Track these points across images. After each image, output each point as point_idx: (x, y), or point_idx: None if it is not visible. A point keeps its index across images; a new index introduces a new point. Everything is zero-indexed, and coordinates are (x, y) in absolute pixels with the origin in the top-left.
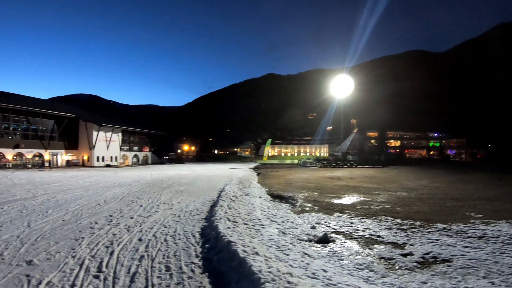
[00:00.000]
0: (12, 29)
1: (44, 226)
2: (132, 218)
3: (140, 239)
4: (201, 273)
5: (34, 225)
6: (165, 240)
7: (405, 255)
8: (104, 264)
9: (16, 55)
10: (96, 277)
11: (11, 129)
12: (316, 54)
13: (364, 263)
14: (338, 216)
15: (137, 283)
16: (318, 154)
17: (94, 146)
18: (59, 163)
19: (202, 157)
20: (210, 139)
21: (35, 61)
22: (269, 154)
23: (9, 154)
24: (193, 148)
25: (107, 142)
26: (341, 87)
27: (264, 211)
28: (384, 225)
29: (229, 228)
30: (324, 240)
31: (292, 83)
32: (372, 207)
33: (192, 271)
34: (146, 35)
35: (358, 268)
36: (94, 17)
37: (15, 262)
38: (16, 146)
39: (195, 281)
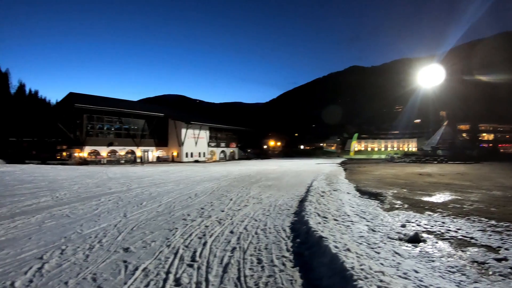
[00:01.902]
0: (108, 38)
1: (139, 217)
2: (223, 211)
3: (231, 232)
4: (292, 267)
5: (130, 216)
6: (256, 233)
7: (499, 260)
8: (197, 254)
9: (109, 61)
10: (190, 266)
11: (105, 129)
12: (402, 43)
13: (456, 266)
14: (429, 214)
15: (230, 274)
16: (406, 149)
17: (183, 143)
18: (150, 159)
19: (288, 152)
20: (296, 134)
21: (125, 65)
22: (356, 149)
23: (104, 151)
24: (279, 143)
25: (195, 139)
26: (429, 77)
27: (353, 207)
28: (478, 227)
29: (319, 223)
30: (415, 239)
31: (377, 75)
32: (464, 206)
33: (283, 264)
34: (231, 34)
35: (449, 271)
36: (180, 23)
37: (113, 249)
38: (110, 144)
39: (286, 275)
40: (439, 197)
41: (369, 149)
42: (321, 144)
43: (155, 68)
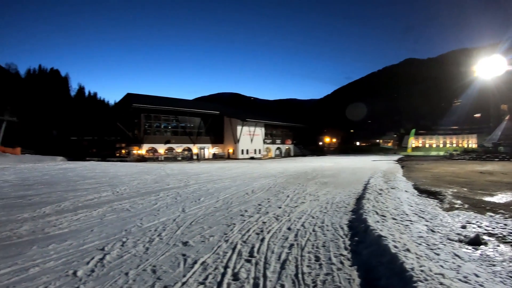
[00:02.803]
0: (163, 38)
1: (197, 212)
2: (280, 207)
3: (289, 228)
4: (350, 266)
5: (188, 211)
6: (313, 230)
7: None
8: (255, 249)
9: (164, 62)
10: (248, 261)
11: (162, 127)
12: (459, 32)
13: None
14: (491, 216)
15: (287, 270)
16: (465, 145)
17: (238, 140)
18: (206, 156)
19: (344, 149)
20: (351, 130)
21: (181, 65)
22: (413, 146)
23: (161, 148)
24: (334, 140)
25: (250, 136)
26: (489, 68)
27: (412, 206)
28: None
29: (377, 222)
30: (476, 241)
31: (434, 67)
32: None
33: (341, 263)
34: (284, 31)
35: (511, 277)
36: (234, 21)
37: (172, 242)
38: (167, 142)
39: (344, 273)
40: (501, 197)
41: (426, 145)
42: (377, 141)
43: (210, 67)
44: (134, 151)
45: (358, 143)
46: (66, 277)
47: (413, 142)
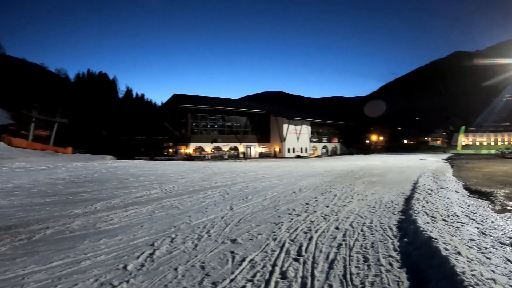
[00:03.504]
0: (208, 39)
1: (245, 210)
2: (327, 207)
3: (337, 228)
4: (399, 268)
5: (236, 209)
6: (361, 230)
7: None
8: (303, 248)
9: (209, 62)
10: (296, 260)
11: (209, 126)
12: (508, 23)
13: None
14: None
15: (336, 270)
16: None
17: (284, 139)
18: (253, 155)
19: (391, 147)
20: (399, 128)
21: (226, 65)
22: (463, 143)
23: (208, 147)
24: (381, 138)
25: (297, 134)
26: None
27: (462, 207)
28: None
29: (427, 223)
30: None
31: (483, 60)
32: None
33: (390, 264)
34: (328, 28)
35: None
36: (276, 20)
37: (220, 240)
38: (214, 141)
39: (393, 275)
40: None
41: (477, 143)
42: (426, 138)
43: (255, 66)
44: (182, 150)
45: (405, 141)
46: (116, 271)
47: (462, 140)
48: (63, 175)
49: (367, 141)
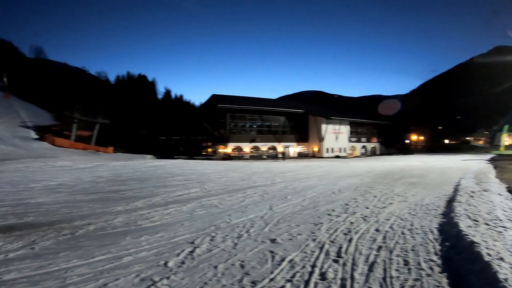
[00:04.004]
0: (245, 39)
1: (285, 210)
2: (367, 208)
3: (377, 230)
4: (439, 272)
5: (275, 208)
6: (402, 233)
7: None
8: (343, 250)
9: (247, 62)
10: (336, 261)
11: (247, 126)
12: None
13: None
14: None
15: (375, 273)
16: None
17: (323, 138)
18: (291, 155)
19: (431, 147)
20: (439, 127)
21: (263, 64)
22: (506, 143)
23: (247, 147)
24: (421, 137)
25: (335, 134)
26: None
27: (505, 211)
28: None
29: (470, 227)
30: None
31: None
32: None
33: (431, 268)
34: (365, 25)
35: None
36: (315, 18)
37: (260, 239)
38: (252, 141)
39: (433, 280)
40: None
41: None
42: (467, 138)
43: (293, 66)
44: (220, 150)
45: (446, 141)
46: (157, 267)
47: (506, 139)
48: (104, 173)
49: (407, 141)
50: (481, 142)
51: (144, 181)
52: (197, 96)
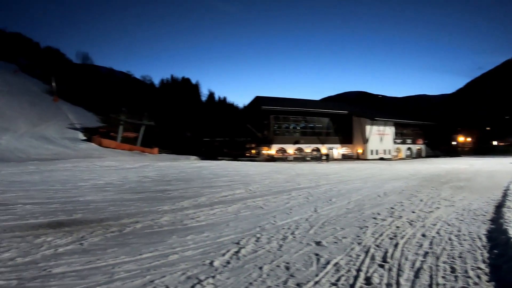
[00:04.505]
0: (288, 40)
1: (330, 213)
2: (413, 212)
3: (423, 235)
4: (487, 281)
5: (320, 211)
6: (449, 239)
7: None
8: (388, 255)
9: (289, 63)
10: (381, 266)
11: (291, 127)
12: None
13: None
14: None
15: (421, 279)
16: None
17: (367, 140)
18: (335, 156)
19: (479, 149)
20: (488, 128)
21: (307, 65)
22: None
23: (290, 149)
24: (468, 139)
25: (380, 136)
26: None
27: None
28: None
29: None
30: None
31: None
32: None
33: (478, 277)
34: (410, 22)
35: None
36: (358, 19)
37: (305, 241)
38: (296, 142)
39: None
40: None
41: None
42: None
43: (336, 66)
44: (264, 151)
45: (495, 143)
46: (203, 266)
47: None
48: (150, 173)
49: (454, 143)
50: None
51: (189, 182)
52: (240, 98)
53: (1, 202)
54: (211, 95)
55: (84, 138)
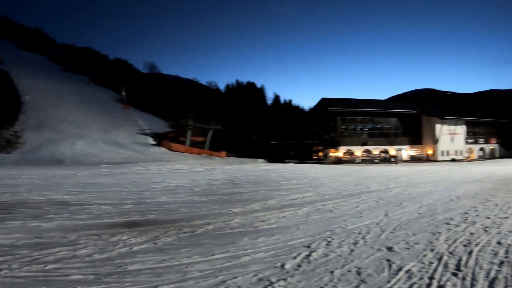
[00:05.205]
0: (353, 40)
1: (401, 217)
2: (488, 218)
3: (499, 243)
4: None
5: (391, 215)
6: None
7: None
8: (462, 262)
9: (355, 62)
10: (455, 274)
11: (358, 129)
12: None
13: None
14: None
15: None
16: None
17: (437, 140)
18: (404, 158)
19: None
20: None
21: (372, 64)
22: None
23: (358, 151)
24: None
25: (450, 136)
26: None
27: None
28: None
29: None
30: None
31: None
32: None
33: None
34: (478, 12)
35: None
36: (423, 16)
37: (376, 246)
38: (363, 144)
39: None
40: None
41: None
42: None
43: (402, 64)
44: (331, 154)
45: None
46: (274, 268)
47: None
48: (219, 176)
49: None
50: None
51: (258, 184)
52: (305, 100)
53: (78, 202)
54: (277, 98)
55: (154, 142)
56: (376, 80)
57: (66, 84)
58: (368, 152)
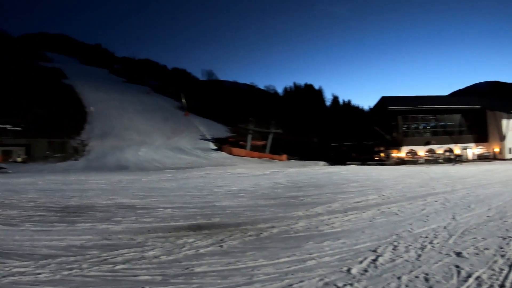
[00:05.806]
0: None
1: (469, 221)
2: None
3: None
4: None
5: (459, 218)
6: None
7: None
8: None
9: (414, 58)
10: None
11: (420, 128)
12: None
13: None
14: None
15: None
16: None
17: (504, 137)
18: (469, 157)
19: None
20: None
21: (432, 58)
22: None
23: (421, 150)
24: None
25: None
26: None
27: None
28: None
29: None
30: None
31: None
32: None
33: None
34: None
35: None
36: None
37: (444, 251)
38: (427, 143)
39: None
40: None
41: None
42: None
43: (463, 56)
44: (393, 154)
45: None
46: (340, 273)
47: None
48: (281, 180)
49: None
50: None
51: (320, 187)
52: (365, 100)
53: (144, 206)
54: (335, 99)
55: (215, 147)
56: (436, 76)
57: (128, 95)
58: (431, 151)
